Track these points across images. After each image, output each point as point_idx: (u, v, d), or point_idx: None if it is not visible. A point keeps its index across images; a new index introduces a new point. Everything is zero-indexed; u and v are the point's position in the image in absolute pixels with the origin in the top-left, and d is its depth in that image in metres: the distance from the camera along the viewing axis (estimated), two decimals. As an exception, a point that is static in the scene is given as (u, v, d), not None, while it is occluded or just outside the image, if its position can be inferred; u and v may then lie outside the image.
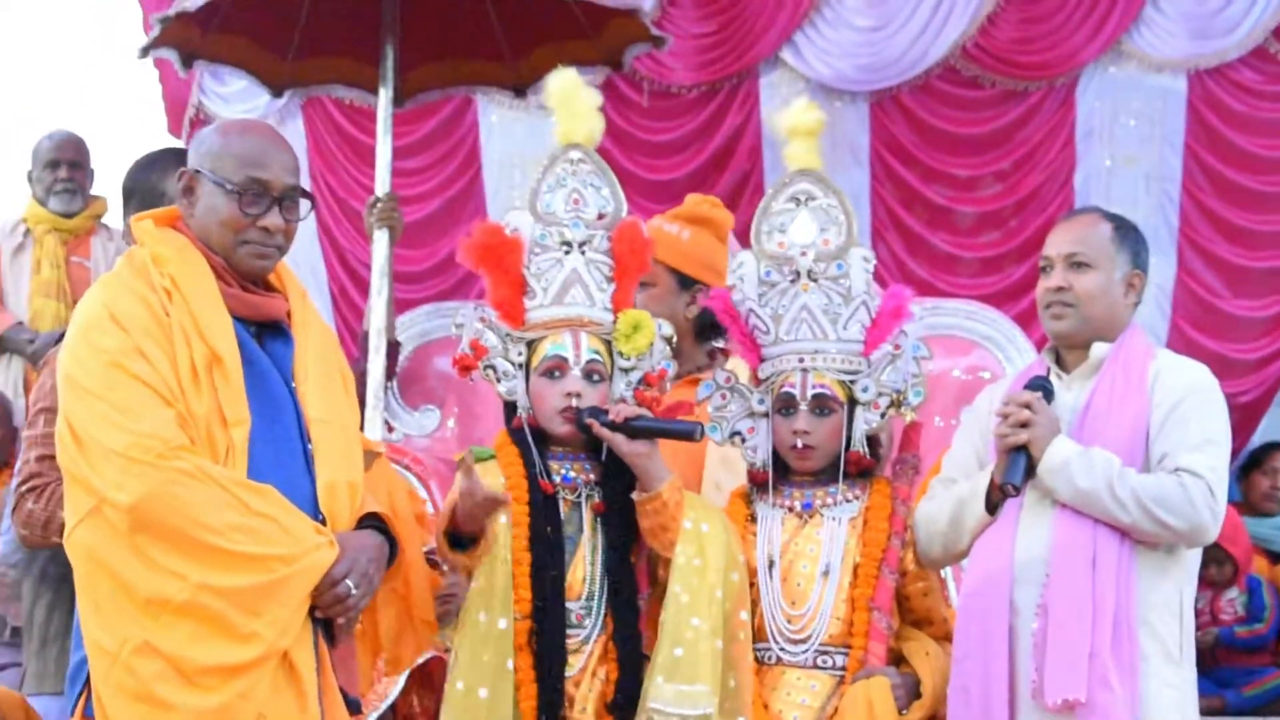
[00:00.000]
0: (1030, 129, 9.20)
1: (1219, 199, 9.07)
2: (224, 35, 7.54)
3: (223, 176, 3.90)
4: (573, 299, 4.58)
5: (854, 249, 4.72)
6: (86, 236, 8.25)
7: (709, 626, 4.36)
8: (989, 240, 9.30)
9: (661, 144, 9.35)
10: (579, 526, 4.50)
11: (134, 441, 3.64)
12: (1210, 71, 9.08)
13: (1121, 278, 4.69)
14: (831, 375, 4.64)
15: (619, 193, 4.70)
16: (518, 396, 4.56)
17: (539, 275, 4.59)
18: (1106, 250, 4.69)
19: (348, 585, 3.79)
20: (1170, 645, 4.49)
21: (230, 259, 3.92)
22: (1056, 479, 4.50)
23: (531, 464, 4.49)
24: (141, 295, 3.79)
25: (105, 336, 3.74)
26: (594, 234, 4.63)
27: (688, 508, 4.46)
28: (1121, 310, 4.70)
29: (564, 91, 4.71)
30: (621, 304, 4.62)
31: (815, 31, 9.22)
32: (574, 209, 4.64)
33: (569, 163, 4.68)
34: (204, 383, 3.75)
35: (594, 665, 4.43)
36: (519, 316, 4.57)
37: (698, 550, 4.42)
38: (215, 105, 9.60)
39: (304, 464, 3.89)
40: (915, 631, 4.68)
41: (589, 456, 4.56)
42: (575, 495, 4.52)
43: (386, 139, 7.47)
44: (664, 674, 4.31)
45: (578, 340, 4.53)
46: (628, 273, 4.65)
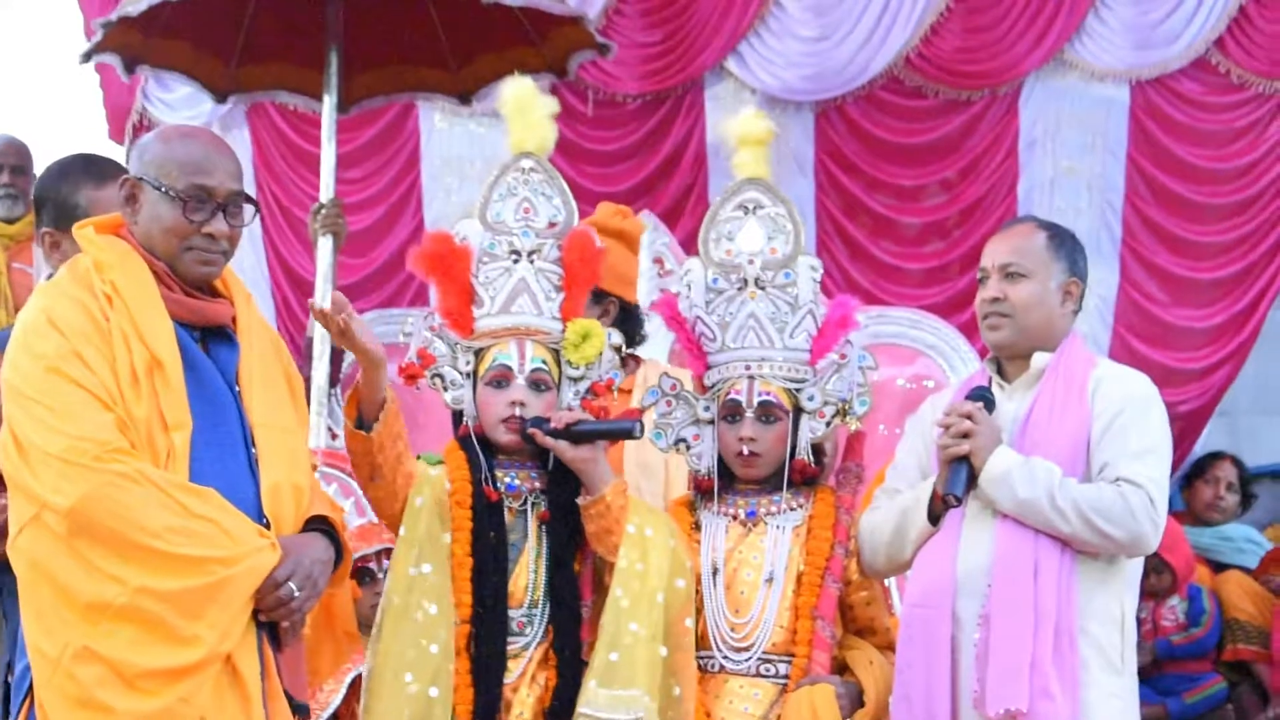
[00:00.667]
0: (974, 139, 9.24)
1: (1161, 209, 9.13)
2: (167, 40, 7.52)
3: (166, 184, 3.89)
4: (520, 308, 4.57)
5: (802, 257, 4.73)
6: (28, 243, 8.17)
7: (648, 632, 4.35)
8: (933, 250, 9.34)
9: (606, 153, 9.35)
10: (524, 534, 4.49)
11: (70, 445, 3.63)
12: (1152, 82, 9.14)
13: (1057, 286, 4.71)
14: (778, 383, 4.63)
15: (570, 202, 4.69)
16: (464, 405, 4.55)
17: (487, 284, 4.58)
18: (1041, 259, 4.70)
19: (290, 588, 3.78)
20: (1111, 654, 4.50)
21: (175, 265, 3.91)
22: (998, 489, 4.51)
23: (478, 469, 4.48)
24: (81, 301, 3.79)
25: (43, 342, 3.74)
26: (544, 243, 4.62)
27: (632, 512, 4.46)
28: (1059, 319, 4.71)
29: (519, 100, 4.70)
30: (571, 313, 4.61)
31: (760, 41, 9.24)
32: (524, 218, 4.63)
33: (520, 171, 4.67)
34: (144, 387, 3.74)
35: (533, 671, 4.42)
36: (468, 325, 4.56)
37: (640, 555, 4.42)
38: (159, 111, 9.56)
39: (247, 467, 3.87)
40: (858, 640, 4.69)
41: (535, 465, 4.55)
42: (520, 503, 4.51)
43: (331, 145, 7.45)
44: (598, 678, 4.31)
45: (523, 349, 4.52)
46: (577, 282, 4.64)
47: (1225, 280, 9.12)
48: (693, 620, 4.48)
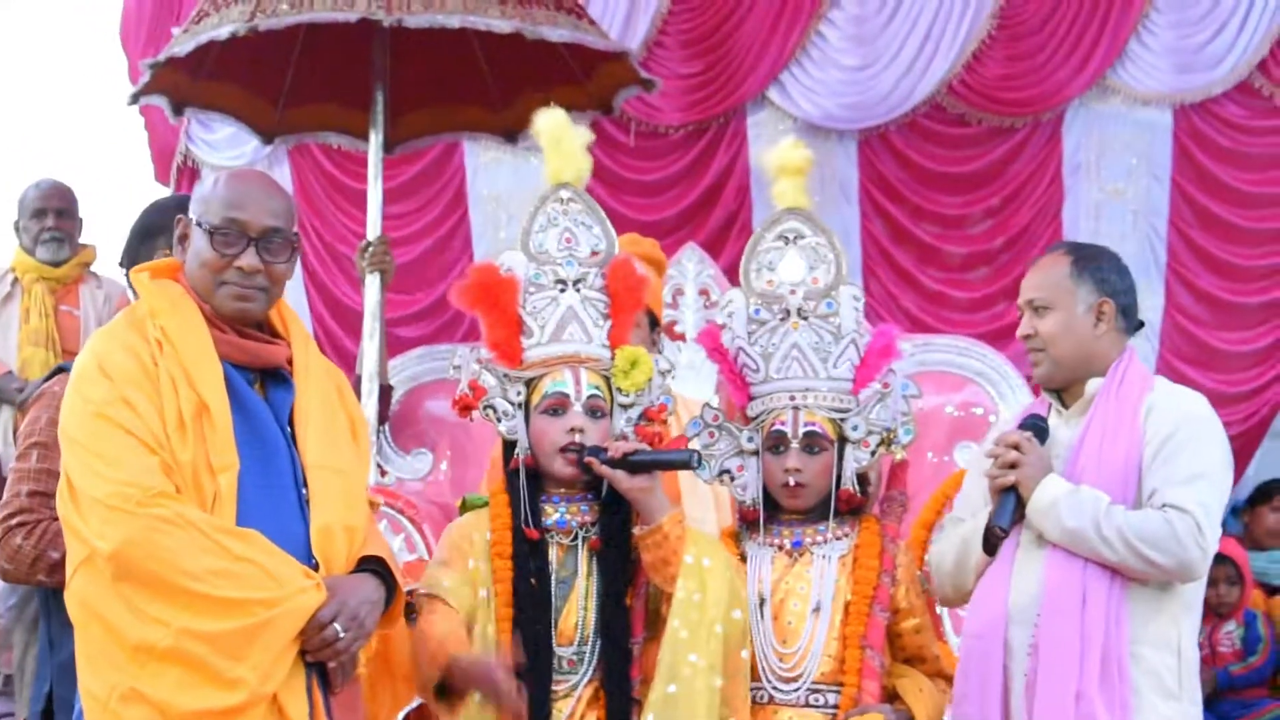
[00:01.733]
0: (1018, 165, 9.24)
1: (1205, 233, 9.11)
2: (214, 82, 7.56)
3: (205, 219, 3.94)
4: (570, 336, 4.56)
5: (843, 286, 4.73)
6: (74, 285, 8.24)
7: (707, 663, 4.33)
8: (979, 277, 9.33)
9: (649, 184, 9.37)
10: (574, 570, 4.47)
11: (114, 490, 3.67)
12: (1195, 106, 9.14)
13: (1086, 310, 4.69)
14: (822, 413, 4.64)
15: (610, 230, 4.70)
16: (518, 436, 4.53)
17: (535, 314, 4.57)
18: (1063, 287, 4.70)
19: (335, 629, 3.79)
20: (1167, 679, 4.48)
21: (211, 301, 3.95)
22: (1045, 519, 4.51)
23: (519, 514, 4.46)
24: (131, 346, 3.83)
25: (93, 387, 3.79)
26: (587, 271, 4.62)
27: (690, 542, 4.43)
28: (1095, 342, 4.70)
29: (553, 131, 4.71)
30: (618, 341, 4.61)
31: (802, 71, 9.25)
32: (566, 248, 4.63)
33: (559, 202, 4.67)
34: (190, 431, 3.77)
35: (582, 710, 4.40)
36: (516, 356, 4.55)
37: (698, 585, 4.39)
38: (203, 152, 9.61)
39: (298, 509, 3.89)
40: (907, 669, 4.68)
41: (586, 498, 4.53)
42: (571, 539, 4.50)
43: (377, 184, 7.47)
44: (655, 711, 4.30)
45: (578, 376, 4.51)
46: (623, 309, 4.63)
47: (1271, 303, 9.11)
48: (748, 652, 4.48)
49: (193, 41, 6.95)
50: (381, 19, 6.78)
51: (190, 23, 7.10)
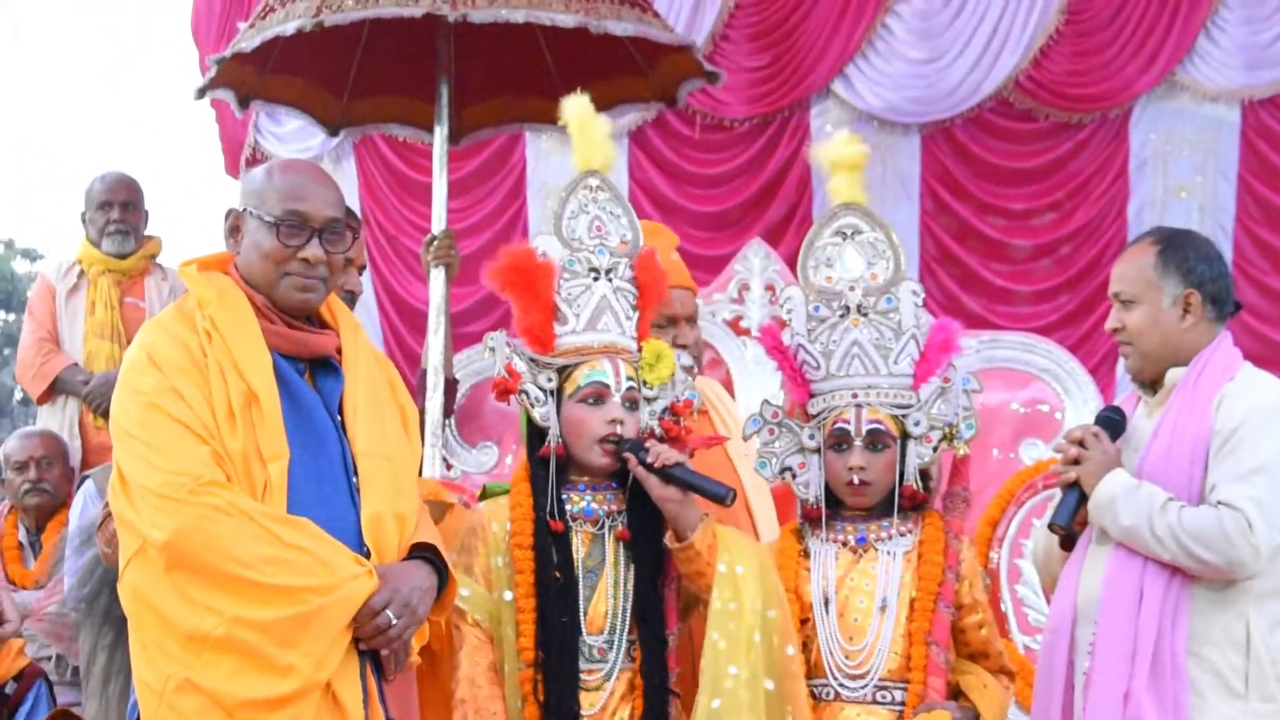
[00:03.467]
0: (1083, 161, 9.23)
1: (1273, 230, 9.09)
2: (280, 75, 7.60)
3: (264, 211, 3.95)
4: (605, 325, 4.54)
5: (903, 282, 4.70)
6: (140, 277, 8.27)
7: (748, 673, 4.32)
8: (1042, 272, 9.30)
9: (711, 176, 9.39)
10: (601, 558, 4.46)
11: (166, 479, 3.69)
12: (1264, 102, 9.10)
13: (1172, 303, 4.63)
14: (884, 410, 4.62)
15: (636, 221, 4.69)
16: (550, 423, 4.50)
17: (570, 300, 4.54)
18: (1148, 280, 4.64)
19: (388, 616, 3.80)
20: (1231, 678, 4.42)
21: (274, 294, 3.96)
22: (1104, 516, 4.49)
23: (542, 505, 4.44)
24: (180, 337, 3.85)
25: (143, 378, 3.81)
26: (618, 261, 4.60)
27: (721, 550, 4.42)
28: (1182, 334, 4.63)
29: (579, 119, 4.69)
30: (643, 333, 4.62)
31: (867, 64, 9.27)
32: (597, 236, 4.61)
33: (588, 189, 4.65)
34: (240, 420, 3.79)
35: (615, 705, 4.39)
36: (549, 342, 4.52)
37: (733, 594, 4.38)
38: (271, 145, 9.68)
39: (349, 497, 3.90)
40: (971, 665, 4.66)
41: (612, 486, 4.53)
42: (597, 527, 4.48)
43: (442, 177, 7.48)
44: None
45: (617, 367, 4.49)
46: (649, 302, 4.64)
47: (1339, 298, 9.05)
48: (795, 646, 4.47)
49: (259, 37, 6.98)
50: (446, 13, 6.79)
51: (256, 18, 7.14)
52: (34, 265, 29.27)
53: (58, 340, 8.17)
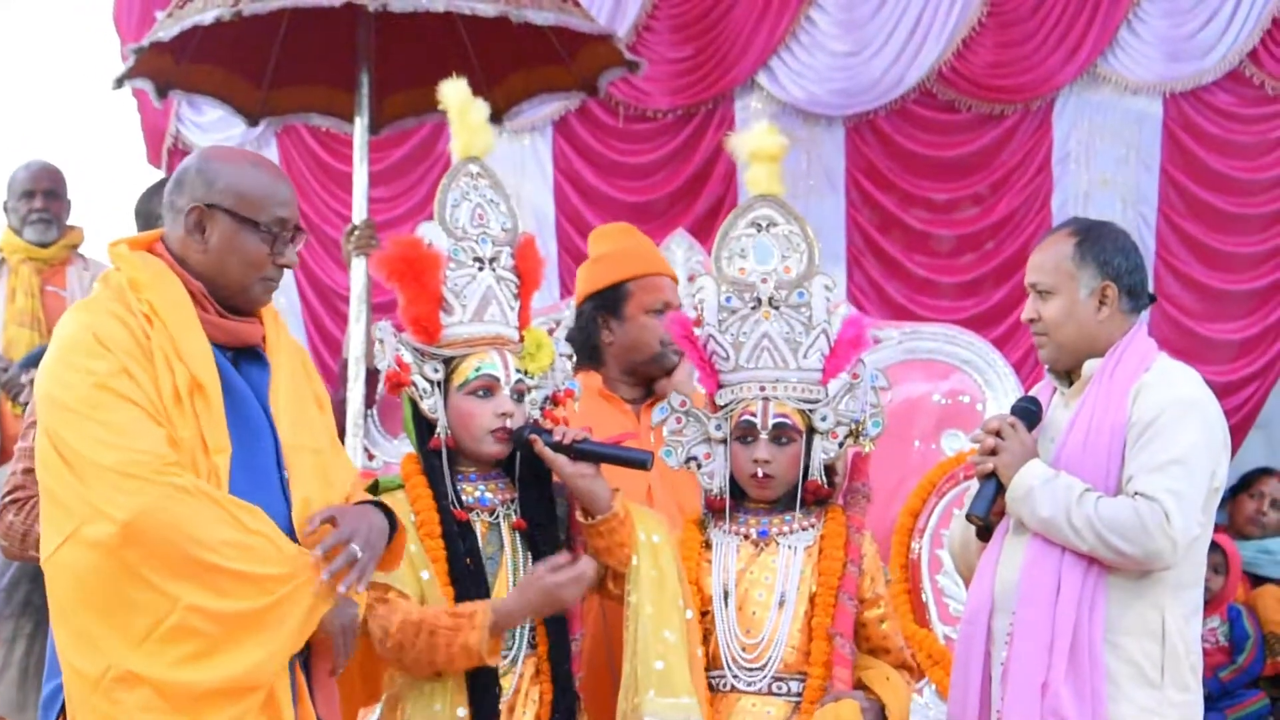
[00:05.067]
0: (1007, 152, 9.27)
1: (1195, 222, 9.14)
2: (199, 65, 7.56)
3: (249, 215, 3.87)
4: (492, 317, 4.50)
5: (816, 276, 4.69)
6: (62, 266, 8.23)
7: (678, 638, 4.35)
8: (967, 264, 9.35)
9: (637, 166, 9.39)
10: (499, 546, 4.44)
11: (127, 458, 3.59)
12: (1186, 94, 9.18)
13: (1089, 294, 4.61)
14: (792, 404, 4.61)
15: (514, 209, 4.66)
16: (439, 415, 4.47)
17: (457, 291, 4.50)
18: (1065, 271, 4.63)
19: (354, 549, 3.73)
20: (1147, 667, 4.45)
21: (244, 295, 3.90)
22: (1021, 507, 4.50)
23: (443, 494, 4.43)
24: (122, 318, 3.76)
25: (92, 359, 3.70)
26: (500, 250, 4.56)
27: (637, 520, 4.44)
28: (1098, 326, 4.63)
29: (457, 104, 4.66)
30: (524, 322, 4.59)
31: (791, 56, 9.27)
32: (479, 224, 4.56)
33: (469, 176, 4.62)
34: (186, 408, 3.72)
35: (526, 687, 4.38)
36: (435, 332, 4.48)
37: (653, 561, 4.40)
38: (192, 134, 9.63)
39: (280, 490, 3.85)
40: (873, 660, 4.67)
41: (502, 475, 4.51)
42: (492, 516, 4.47)
43: (363, 166, 7.47)
44: (655, 688, 4.29)
45: (505, 359, 4.47)
46: (529, 291, 4.61)
47: (1260, 291, 9.14)
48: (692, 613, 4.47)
49: (177, 26, 6.95)
50: (366, 3, 6.77)
51: (174, 7, 7.09)
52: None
53: (-24, 329, 8.14)
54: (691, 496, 4.95)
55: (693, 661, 4.41)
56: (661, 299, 5.32)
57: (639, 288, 5.35)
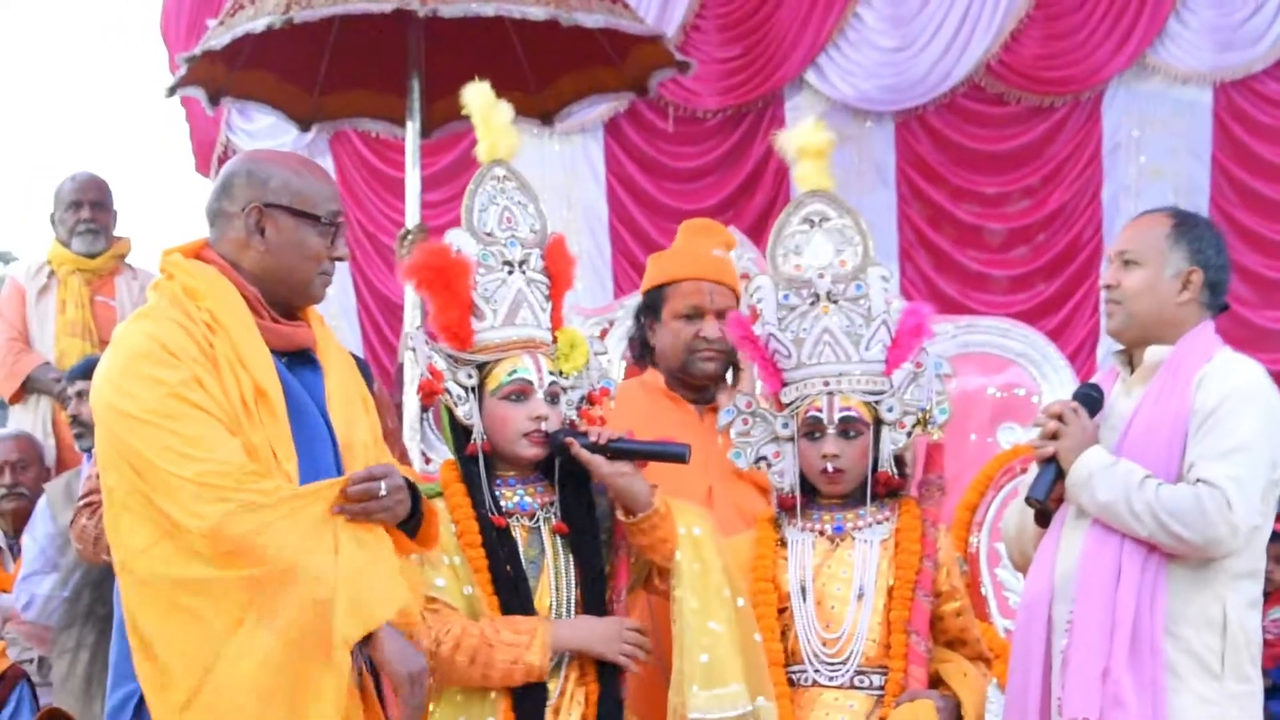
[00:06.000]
0: (1057, 145, 9.27)
1: (1246, 211, 9.12)
2: (250, 72, 7.60)
3: (310, 211, 3.89)
4: (523, 320, 4.48)
5: (871, 268, 4.68)
6: (110, 276, 8.28)
7: (725, 628, 4.34)
8: (1019, 257, 9.34)
9: (688, 169, 9.42)
10: (540, 550, 4.43)
11: (208, 469, 3.60)
12: (1235, 83, 9.16)
13: (1174, 274, 4.58)
14: (857, 397, 4.60)
15: (543, 210, 4.64)
16: (474, 421, 4.45)
17: (488, 296, 4.47)
18: (1157, 247, 4.61)
19: (381, 485, 3.70)
20: (1208, 659, 4.42)
21: (305, 291, 3.92)
22: (1081, 492, 4.48)
23: (480, 502, 4.41)
24: (185, 327, 3.74)
25: (161, 368, 3.68)
26: (530, 253, 4.54)
27: (676, 514, 4.42)
28: (1175, 308, 4.60)
29: (481, 107, 4.62)
30: (557, 323, 4.58)
31: (839, 53, 9.29)
32: (508, 228, 4.53)
33: (495, 180, 4.58)
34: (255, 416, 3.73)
35: (571, 689, 4.37)
36: (467, 338, 4.45)
37: (695, 554, 4.38)
38: (243, 142, 9.68)
39: None
40: (950, 653, 4.65)
41: (540, 479, 4.50)
42: (533, 520, 4.45)
43: (415, 171, 7.50)
44: (698, 682, 4.28)
45: (538, 362, 4.45)
46: (560, 291, 4.59)
47: (1314, 279, 9.09)
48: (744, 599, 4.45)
49: (229, 34, 6.99)
50: (416, 8, 6.79)
51: (225, 15, 7.14)
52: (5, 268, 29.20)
53: (29, 341, 8.18)
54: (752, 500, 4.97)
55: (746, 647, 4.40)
56: (690, 304, 5.25)
57: (674, 293, 5.31)
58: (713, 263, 5.36)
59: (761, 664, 4.42)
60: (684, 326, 5.20)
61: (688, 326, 5.19)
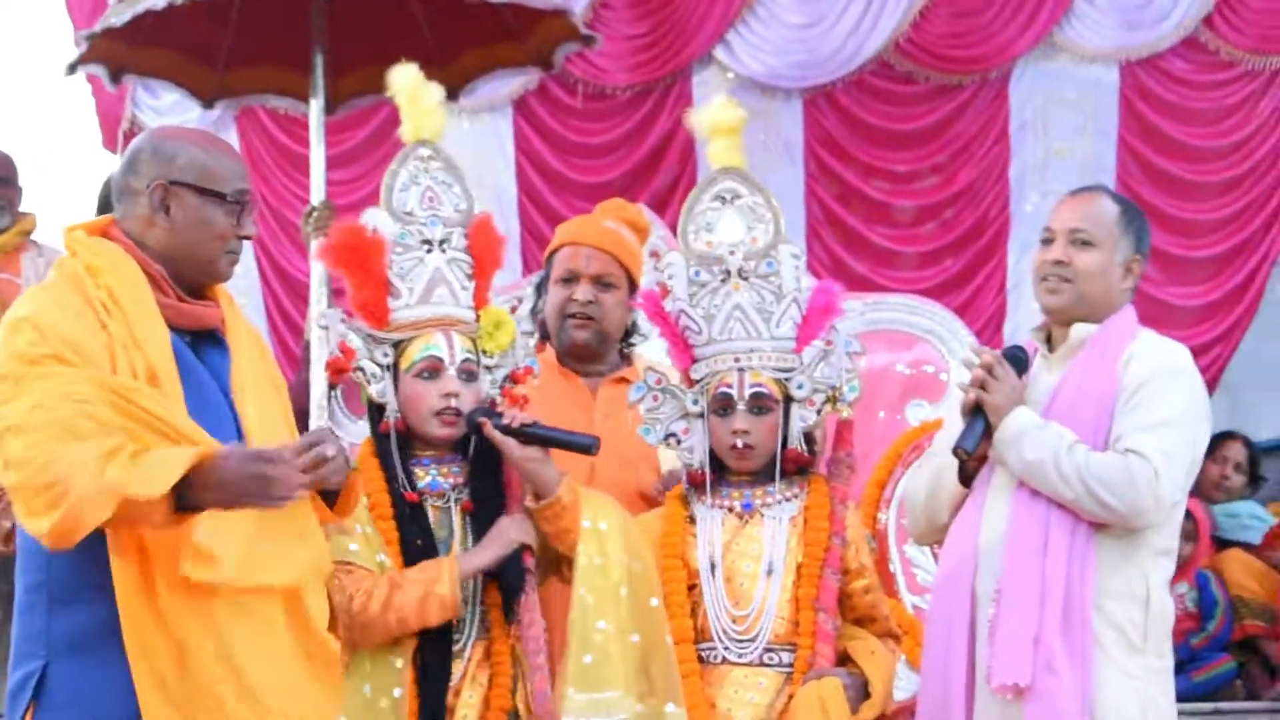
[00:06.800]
0: (964, 123, 9.30)
1: (1153, 188, 9.16)
2: (152, 49, 7.52)
3: (216, 189, 3.84)
4: (439, 298, 4.52)
5: (783, 245, 4.68)
6: (15, 253, 8.16)
7: (616, 627, 4.35)
8: (927, 233, 9.38)
9: (595, 145, 9.40)
10: (450, 530, 4.46)
11: None
12: (1142, 62, 9.22)
13: (1122, 260, 4.64)
14: (767, 373, 4.60)
15: (468, 190, 4.67)
16: (387, 399, 4.49)
17: (403, 275, 4.52)
18: (1111, 230, 4.64)
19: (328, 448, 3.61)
20: (1131, 632, 4.45)
21: (211, 270, 3.86)
22: (1009, 450, 4.50)
23: (394, 476, 4.45)
24: (76, 309, 3.69)
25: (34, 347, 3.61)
26: (451, 232, 4.58)
27: (584, 507, 4.44)
28: (1116, 294, 4.65)
29: (409, 87, 4.67)
30: (481, 302, 4.60)
31: (748, 29, 9.28)
32: (430, 207, 4.58)
33: (419, 160, 4.62)
34: None
35: (473, 671, 4.40)
36: (384, 317, 4.50)
37: (598, 549, 4.40)
38: (149, 118, 9.57)
39: None
40: (859, 630, 4.66)
41: (455, 458, 4.53)
42: (443, 500, 4.49)
43: (320, 147, 7.45)
44: (575, 684, 4.30)
45: (450, 340, 4.48)
46: (485, 270, 4.61)
47: (1220, 256, 9.20)
48: (658, 597, 4.47)
49: (130, 11, 6.92)
50: (320, -18, 6.75)
51: (128, -10, 7.05)
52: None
53: (-72, 315, 8.07)
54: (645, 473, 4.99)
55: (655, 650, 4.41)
56: (566, 268, 5.23)
57: (556, 259, 5.30)
58: (598, 230, 5.35)
59: (672, 668, 4.42)
60: (560, 291, 5.20)
61: (563, 291, 5.19)
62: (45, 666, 3.65)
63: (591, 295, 5.15)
